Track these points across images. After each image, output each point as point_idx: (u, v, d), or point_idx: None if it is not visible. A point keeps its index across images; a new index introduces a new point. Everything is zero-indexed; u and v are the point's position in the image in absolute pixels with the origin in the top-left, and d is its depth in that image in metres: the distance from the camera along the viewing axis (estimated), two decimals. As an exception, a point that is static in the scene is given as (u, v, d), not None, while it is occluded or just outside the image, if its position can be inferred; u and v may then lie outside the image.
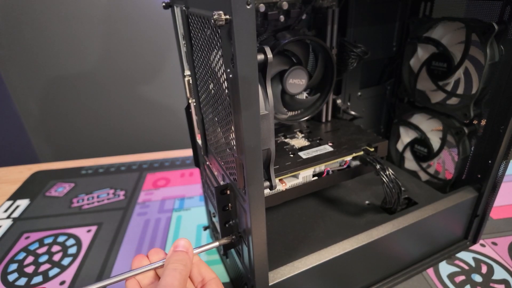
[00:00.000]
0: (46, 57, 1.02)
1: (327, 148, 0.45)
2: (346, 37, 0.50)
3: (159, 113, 1.16)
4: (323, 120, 0.55)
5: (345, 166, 0.45)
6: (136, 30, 1.02)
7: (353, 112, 0.56)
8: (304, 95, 0.49)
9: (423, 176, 0.57)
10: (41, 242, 0.60)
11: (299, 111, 0.50)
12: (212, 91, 0.34)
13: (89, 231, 0.63)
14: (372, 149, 0.45)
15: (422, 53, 0.52)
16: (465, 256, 0.52)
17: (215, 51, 0.29)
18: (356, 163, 0.45)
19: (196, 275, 0.36)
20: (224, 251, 0.39)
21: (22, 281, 0.52)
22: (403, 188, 0.44)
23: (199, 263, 0.36)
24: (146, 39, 1.04)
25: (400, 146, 0.60)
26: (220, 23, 0.23)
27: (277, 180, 0.39)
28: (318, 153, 0.44)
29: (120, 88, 1.10)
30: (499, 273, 0.49)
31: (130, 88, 1.11)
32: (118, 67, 1.07)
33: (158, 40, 1.04)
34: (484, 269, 0.50)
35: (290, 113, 0.50)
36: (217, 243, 0.37)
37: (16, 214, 0.68)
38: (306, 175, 0.42)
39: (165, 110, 1.16)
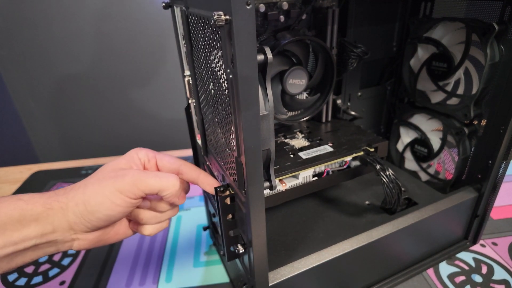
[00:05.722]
0: (47, 57, 1.02)
1: (327, 148, 0.45)
2: (346, 37, 0.50)
3: (159, 113, 1.16)
4: (323, 120, 0.54)
5: (345, 167, 0.45)
6: (136, 31, 1.02)
7: (353, 112, 0.56)
8: (304, 95, 0.49)
9: (423, 177, 0.57)
10: (41, 242, 0.60)
11: (299, 111, 0.50)
12: (212, 91, 0.34)
13: (89, 231, 0.62)
14: (372, 150, 0.45)
15: (422, 53, 0.52)
16: (465, 256, 0.52)
17: (215, 51, 0.29)
18: (356, 163, 0.45)
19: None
20: (228, 259, 0.39)
21: (22, 281, 0.52)
22: (403, 189, 0.44)
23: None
24: (146, 40, 1.04)
25: (400, 146, 0.60)
26: (220, 23, 0.23)
27: (277, 181, 0.39)
28: (318, 153, 0.44)
29: (121, 88, 1.10)
30: (499, 274, 0.49)
31: (131, 88, 1.11)
32: (118, 68, 1.07)
33: (158, 41, 1.04)
34: (484, 269, 0.50)
35: (290, 113, 0.50)
36: None
37: (16, 214, 0.68)
38: (306, 175, 0.42)
39: (165, 110, 1.16)
